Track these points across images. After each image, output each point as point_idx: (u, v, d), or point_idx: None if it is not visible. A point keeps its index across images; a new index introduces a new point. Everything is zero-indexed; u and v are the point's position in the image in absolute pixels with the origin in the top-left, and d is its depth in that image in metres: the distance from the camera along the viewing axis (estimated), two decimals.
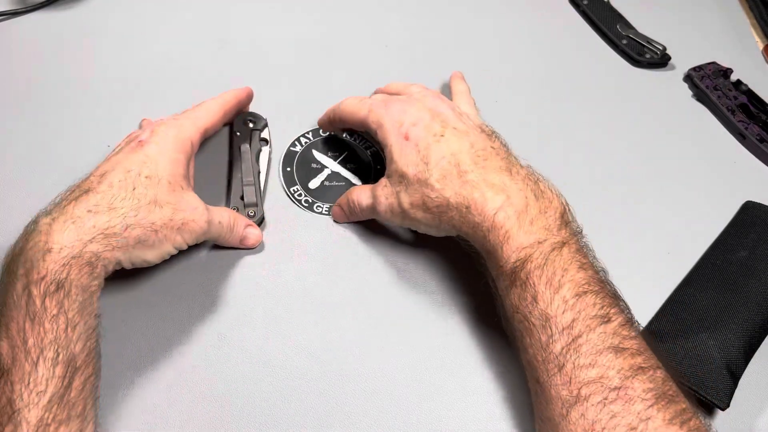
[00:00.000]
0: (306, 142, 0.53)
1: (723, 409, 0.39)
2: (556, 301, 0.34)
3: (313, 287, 0.45)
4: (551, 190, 0.39)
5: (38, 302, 0.32)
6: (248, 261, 0.46)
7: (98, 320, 0.35)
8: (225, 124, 0.50)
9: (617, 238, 0.48)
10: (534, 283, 0.35)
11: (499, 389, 0.41)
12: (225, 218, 0.43)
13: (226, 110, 0.47)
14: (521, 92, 0.59)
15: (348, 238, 0.47)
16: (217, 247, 0.46)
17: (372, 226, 0.48)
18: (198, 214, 0.40)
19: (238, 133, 0.51)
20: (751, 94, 0.58)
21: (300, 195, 0.49)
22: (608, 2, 0.68)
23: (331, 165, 0.51)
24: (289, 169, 0.51)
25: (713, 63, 0.61)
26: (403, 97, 0.46)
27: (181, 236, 0.39)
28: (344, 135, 0.53)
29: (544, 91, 0.59)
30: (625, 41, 0.63)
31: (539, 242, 0.36)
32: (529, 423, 0.39)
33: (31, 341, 0.31)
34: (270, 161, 0.51)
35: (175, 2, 0.64)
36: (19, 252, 0.34)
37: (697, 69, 0.61)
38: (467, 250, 0.41)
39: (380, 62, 0.60)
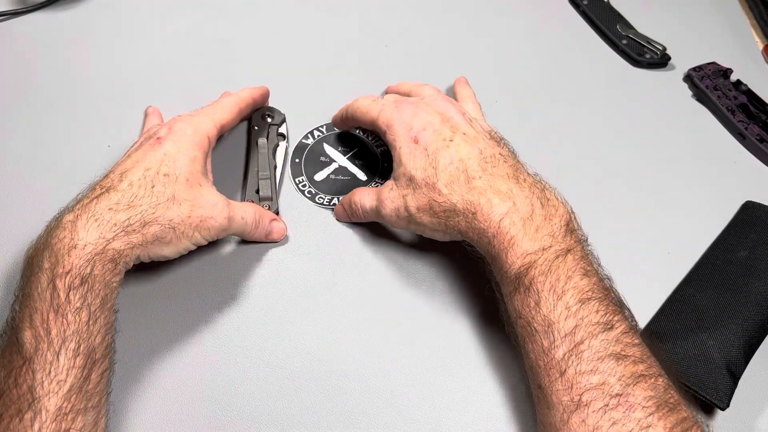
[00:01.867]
0: (319, 136, 0.53)
1: (723, 409, 0.39)
2: (558, 308, 0.34)
3: (315, 284, 0.45)
4: (557, 198, 0.39)
5: (62, 295, 0.33)
6: (250, 258, 0.46)
7: (116, 315, 0.36)
8: (241, 121, 0.51)
9: (617, 238, 0.48)
10: (537, 289, 0.35)
11: (500, 391, 0.41)
12: (249, 214, 0.43)
13: (242, 108, 0.48)
14: (521, 92, 0.59)
15: (350, 235, 0.47)
16: (217, 244, 0.46)
17: (375, 224, 0.48)
18: (217, 211, 0.41)
19: (256, 128, 0.52)
20: (751, 94, 0.58)
21: (304, 186, 0.50)
22: (608, 2, 0.68)
23: (340, 159, 0.52)
24: (297, 160, 0.52)
25: (713, 63, 0.61)
26: (415, 100, 0.46)
27: (199, 233, 0.40)
28: (357, 131, 0.54)
29: (543, 92, 0.59)
30: (625, 41, 0.63)
31: (544, 249, 0.36)
32: (529, 425, 0.39)
33: (54, 332, 0.32)
34: (286, 156, 0.52)
35: (176, 2, 0.64)
36: (42, 247, 0.35)
37: (697, 69, 0.61)
38: (472, 255, 0.41)
39: (381, 62, 0.60)
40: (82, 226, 0.35)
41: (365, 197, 0.45)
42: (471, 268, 0.46)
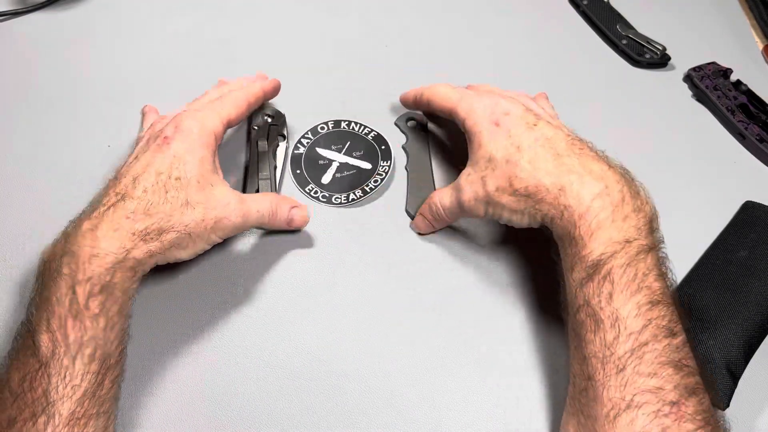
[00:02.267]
0: (307, 143, 0.53)
1: (723, 409, 0.39)
2: (630, 304, 0.34)
3: (315, 284, 0.45)
4: (644, 193, 0.38)
5: (82, 301, 0.33)
6: (250, 258, 0.46)
7: (129, 322, 0.37)
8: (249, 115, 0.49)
9: None
10: (613, 281, 0.34)
11: (501, 390, 0.41)
12: (264, 206, 0.43)
13: (251, 102, 0.47)
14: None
15: (349, 235, 0.47)
16: (217, 244, 0.46)
17: (376, 223, 0.48)
18: (230, 210, 0.40)
19: (256, 128, 0.52)
20: (750, 94, 0.58)
21: (316, 192, 0.50)
22: (608, 2, 0.68)
23: (338, 157, 0.52)
24: (299, 171, 0.51)
25: (713, 63, 0.61)
26: (496, 92, 0.45)
27: (214, 234, 0.40)
28: (351, 125, 0.53)
29: (544, 91, 0.59)
30: (625, 41, 0.63)
31: (628, 241, 0.35)
32: (530, 425, 0.39)
33: (71, 337, 0.32)
34: (286, 156, 0.52)
35: (176, 2, 0.64)
36: (61, 252, 0.35)
37: (697, 69, 0.61)
38: (550, 237, 0.40)
39: (380, 63, 0.60)
40: (102, 235, 0.35)
41: (443, 195, 0.44)
42: (471, 268, 0.46)
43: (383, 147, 0.52)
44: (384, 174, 0.50)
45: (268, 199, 0.43)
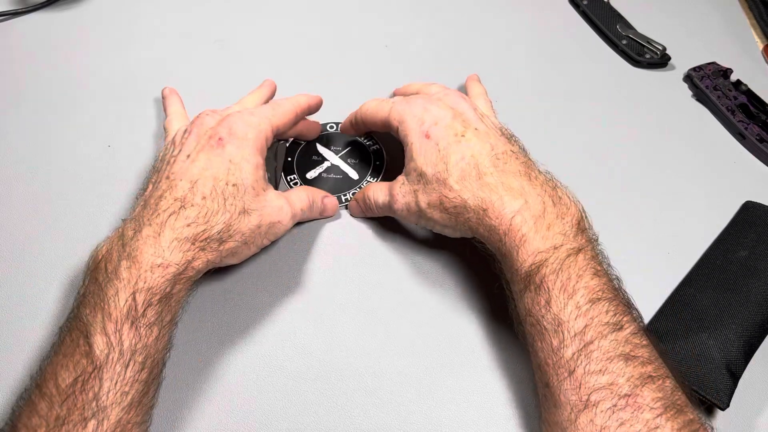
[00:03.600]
0: None
1: (723, 409, 0.39)
2: (569, 307, 0.34)
3: (314, 284, 0.45)
4: (569, 197, 0.39)
5: (141, 309, 0.33)
6: (248, 257, 0.46)
7: (176, 329, 0.37)
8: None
9: (617, 238, 0.48)
10: (548, 288, 0.35)
11: (500, 390, 0.41)
12: (305, 202, 0.44)
13: (298, 113, 0.47)
14: (521, 92, 0.59)
15: (348, 234, 0.47)
16: None
17: (374, 223, 0.48)
18: (283, 214, 0.42)
19: None
20: (750, 94, 0.58)
21: (296, 183, 0.50)
22: (608, 2, 0.68)
23: (332, 158, 0.52)
24: (290, 158, 0.52)
25: (713, 63, 0.61)
26: (425, 95, 0.46)
27: (266, 239, 0.41)
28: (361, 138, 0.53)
29: (543, 91, 0.59)
30: (625, 41, 0.63)
31: (555, 247, 0.36)
32: (530, 424, 0.39)
33: (126, 344, 0.33)
34: (286, 157, 0.52)
35: (175, 2, 0.64)
36: (119, 256, 0.35)
37: (697, 69, 0.61)
38: (482, 252, 0.41)
39: (381, 62, 0.60)
40: (166, 245, 0.35)
41: (378, 192, 0.45)
42: (472, 267, 0.46)
43: (378, 162, 0.52)
44: None
45: (305, 193, 0.45)
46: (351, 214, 0.49)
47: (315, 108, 0.50)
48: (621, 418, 0.31)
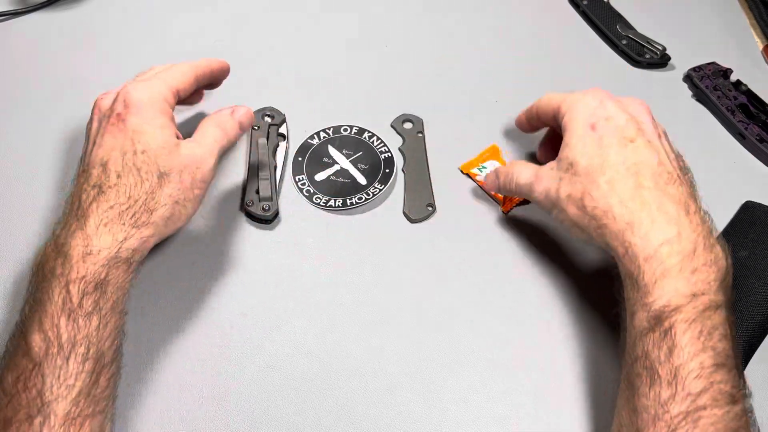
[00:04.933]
0: (324, 137, 0.53)
1: None
2: (693, 363, 0.32)
3: (314, 284, 0.45)
4: (721, 247, 0.36)
5: (75, 300, 0.33)
6: (247, 257, 0.46)
7: (125, 318, 0.36)
8: (198, 89, 0.46)
9: None
10: (675, 336, 0.32)
11: (501, 390, 0.41)
12: (214, 132, 0.42)
13: (198, 74, 0.44)
14: (521, 92, 0.59)
15: (348, 234, 0.47)
16: (214, 240, 0.46)
17: (377, 222, 0.48)
18: (202, 161, 0.40)
19: (257, 128, 0.52)
20: (750, 94, 0.58)
21: (303, 184, 0.50)
22: (608, 2, 0.68)
23: (342, 162, 0.52)
24: (300, 159, 0.52)
25: (713, 63, 0.61)
26: (606, 91, 0.42)
27: (198, 190, 0.40)
28: (371, 137, 0.53)
29: (544, 91, 0.59)
30: (624, 41, 0.63)
31: (695, 295, 0.33)
32: (530, 424, 0.39)
33: (65, 336, 0.32)
34: (287, 156, 0.52)
35: (175, 2, 0.64)
36: (54, 254, 0.35)
37: (697, 69, 0.61)
38: (613, 272, 0.38)
39: (381, 62, 0.60)
40: (93, 232, 0.35)
41: (523, 171, 0.43)
42: (472, 267, 0.46)
43: (387, 170, 0.51)
44: (371, 195, 0.49)
45: (211, 123, 0.42)
46: (484, 188, 0.48)
47: (218, 72, 0.47)
48: None
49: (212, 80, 0.47)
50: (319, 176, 0.51)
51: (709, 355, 0.32)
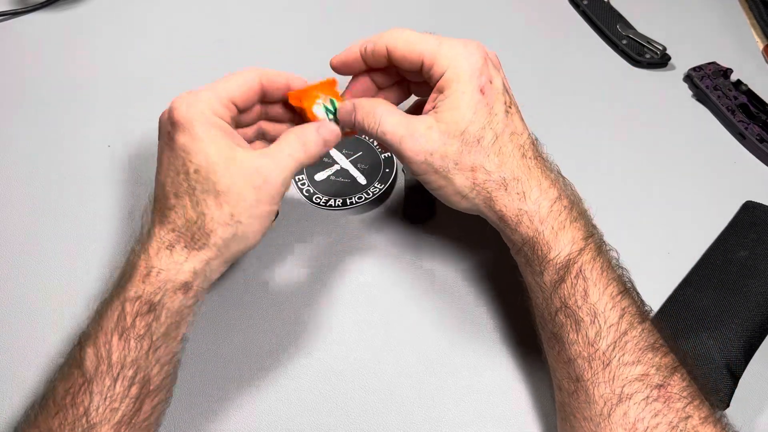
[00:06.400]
0: None
1: (723, 409, 0.39)
2: (605, 297, 0.34)
3: (314, 284, 0.45)
4: (577, 193, 0.39)
5: (129, 320, 0.33)
6: (246, 256, 0.46)
7: (182, 345, 0.35)
8: (266, 102, 0.41)
9: (617, 238, 0.48)
10: (586, 277, 0.35)
11: (501, 390, 0.41)
12: (296, 148, 0.37)
13: (265, 83, 0.39)
14: (521, 92, 0.58)
15: (348, 234, 0.47)
16: None
17: (377, 222, 0.48)
18: (269, 174, 0.35)
19: None
20: (751, 94, 0.58)
21: (303, 184, 0.50)
22: (608, 2, 0.68)
23: (342, 162, 0.52)
24: None
25: (713, 63, 0.61)
26: (481, 45, 0.39)
27: (266, 205, 0.35)
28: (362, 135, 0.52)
29: (543, 91, 0.59)
30: (625, 41, 0.63)
31: (586, 238, 0.36)
32: (530, 424, 0.39)
33: (115, 356, 0.32)
34: None
35: (175, 2, 0.64)
36: (122, 273, 0.35)
37: (697, 69, 0.61)
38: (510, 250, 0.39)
39: None
40: (154, 254, 0.34)
41: (391, 117, 0.37)
42: (473, 266, 0.46)
43: (387, 170, 0.51)
44: (371, 195, 0.49)
45: (291, 134, 0.37)
46: (339, 116, 0.40)
47: (288, 84, 0.40)
48: (655, 409, 0.31)
49: (286, 92, 0.40)
50: (319, 176, 0.51)
51: (614, 285, 0.35)
